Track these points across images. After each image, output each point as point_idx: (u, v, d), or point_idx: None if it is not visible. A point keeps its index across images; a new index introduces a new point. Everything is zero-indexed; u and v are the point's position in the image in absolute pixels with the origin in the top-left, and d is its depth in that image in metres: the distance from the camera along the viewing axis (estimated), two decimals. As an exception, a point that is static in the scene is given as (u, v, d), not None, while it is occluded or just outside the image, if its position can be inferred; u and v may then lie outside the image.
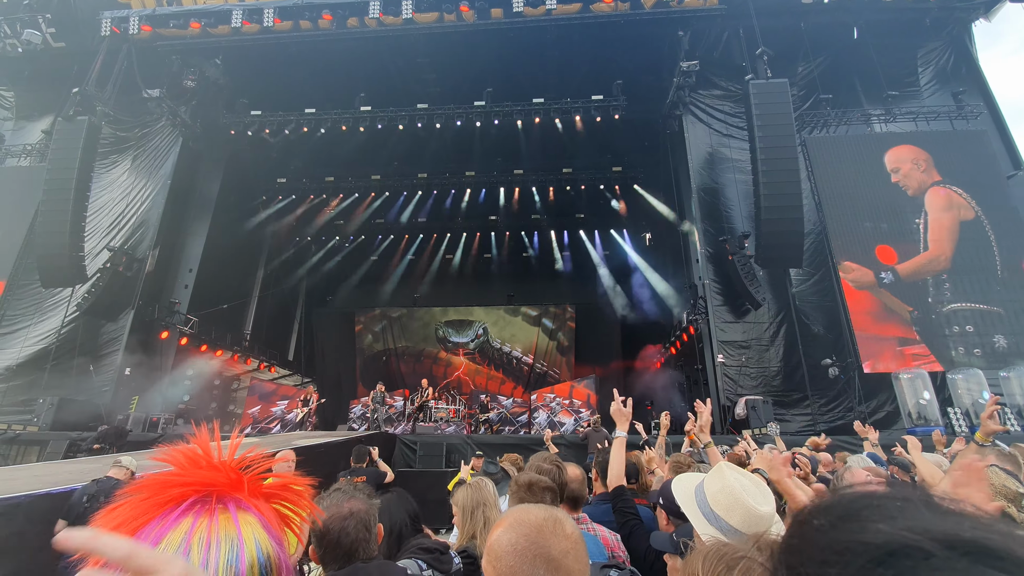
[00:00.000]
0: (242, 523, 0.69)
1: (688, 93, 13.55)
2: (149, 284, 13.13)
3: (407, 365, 20.18)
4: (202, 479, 0.72)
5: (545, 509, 1.07)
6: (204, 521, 0.67)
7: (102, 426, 9.88)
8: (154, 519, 0.66)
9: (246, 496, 0.73)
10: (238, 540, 0.67)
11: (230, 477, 0.74)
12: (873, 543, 0.37)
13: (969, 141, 12.90)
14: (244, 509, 0.71)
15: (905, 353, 11.21)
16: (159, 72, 14.08)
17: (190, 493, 0.69)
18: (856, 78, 14.06)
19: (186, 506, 0.68)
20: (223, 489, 0.72)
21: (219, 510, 0.69)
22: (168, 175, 13.75)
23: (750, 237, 11.88)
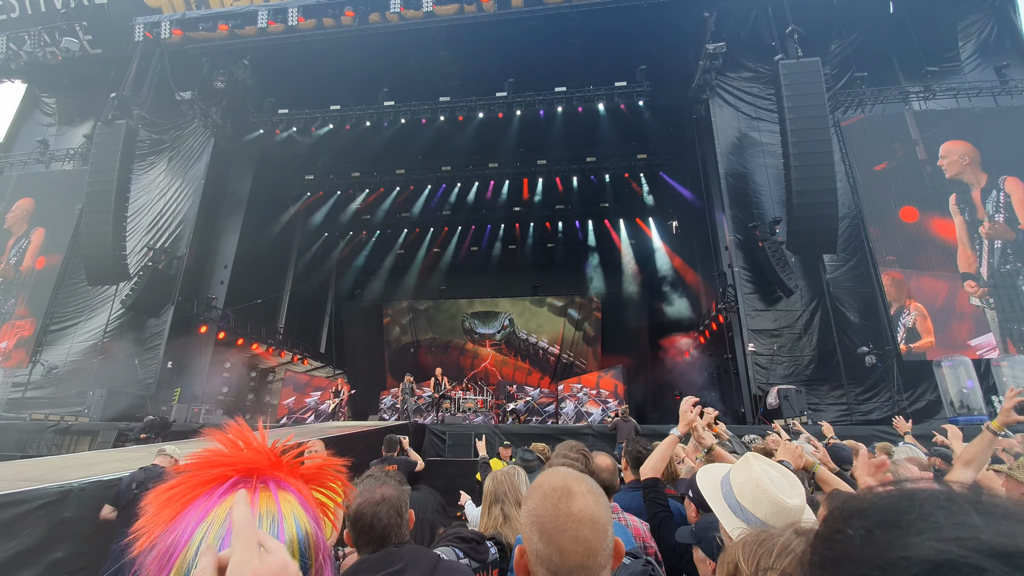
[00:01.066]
0: (282, 501, 0.73)
1: (715, 76, 13.19)
2: (187, 281, 13.62)
3: (434, 357, 20.43)
4: (244, 459, 0.76)
5: (562, 477, 1.10)
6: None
7: (148, 417, 10.34)
8: (201, 496, 0.71)
9: (285, 476, 0.77)
10: (278, 516, 0.71)
11: (270, 459, 0.78)
12: (918, 558, 0.33)
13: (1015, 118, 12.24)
14: (284, 488, 0.75)
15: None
16: (190, 74, 14.49)
17: (233, 472, 0.74)
18: (893, 54, 13.43)
19: (230, 484, 0.73)
20: (264, 469, 0.76)
21: (260, 488, 0.73)
22: (202, 175, 14.18)
23: (781, 223, 11.54)
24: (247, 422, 0.82)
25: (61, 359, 13.10)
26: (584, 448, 2.96)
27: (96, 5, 14.52)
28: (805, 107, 10.87)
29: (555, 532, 1.01)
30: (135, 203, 13.77)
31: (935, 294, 11.20)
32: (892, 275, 11.40)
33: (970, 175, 11.99)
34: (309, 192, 18.44)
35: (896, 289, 11.31)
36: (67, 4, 14.58)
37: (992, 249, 11.36)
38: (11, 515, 3.47)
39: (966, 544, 0.32)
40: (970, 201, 11.77)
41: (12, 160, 16.02)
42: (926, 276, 11.34)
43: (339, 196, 18.82)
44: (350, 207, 19.48)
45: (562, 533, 1.00)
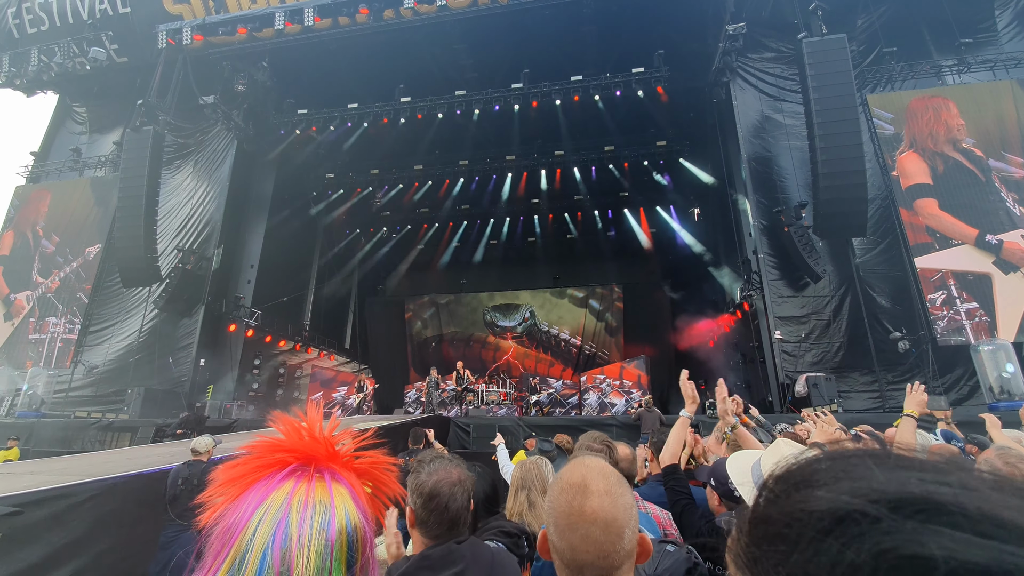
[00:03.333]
0: (335, 493, 0.76)
1: (735, 58, 12.86)
2: (216, 281, 14.00)
3: (456, 350, 20.59)
4: (304, 448, 0.79)
5: (582, 473, 1.10)
6: (303, 486, 0.74)
7: (183, 413, 10.70)
8: (262, 478, 0.75)
9: (340, 468, 0.80)
10: (331, 507, 0.74)
11: (328, 450, 0.81)
12: (817, 511, 0.34)
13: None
14: (337, 480, 0.78)
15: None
16: (212, 79, 14.78)
17: (292, 460, 0.77)
18: (924, 27, 12.88)
19: (289, 471, 0.76)
20: (321, 460, 0.79)
21: (316, 478, 0.76)
22: (226, 177, 14.51)
23: (807, 207, 11.24)
24: (315, 410, 0.85)
25: (101, 359, 13.64)
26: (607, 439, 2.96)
27: (120, 14, 14.90)
28: (831, 86, 10.51)
29: (567, 529, 1.01)
30: (164, 206, 14.17)
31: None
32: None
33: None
34: (330, 190, 18.70)
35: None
36: (93, 15, 14.99)
37: None
38: (61, 508, 3.61)
39: (859, 493, 0.33)
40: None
41: (48, 169, 16.64)
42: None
43: (359, 193, 19.03)
44: (370, 204, 19.69)
45: (573, 531, 1.00)
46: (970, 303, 10.51)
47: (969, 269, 10.72)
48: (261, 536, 0.68)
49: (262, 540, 0.68)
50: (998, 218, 10.95)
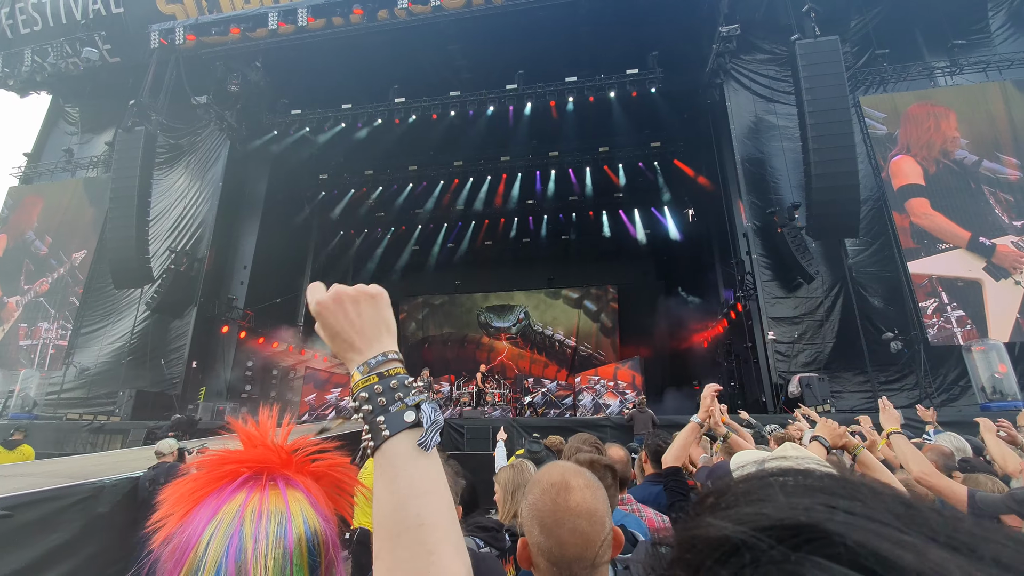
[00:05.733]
0: (291, 499, 0.74)
1: (729, 59, 12.89)
2: (209, 282, 13.93)
3: (451, 351, 20.54)
4: (255, 457, 0.78)
5: (560, 472, 1.15)
6: (256, 495, 0.73)
7: (175, 415, 10.63)
8: (212, 492, 0.73)
9: (295, 474, 0.78)
10: (286, 514, 0.72)
11: (281, 456, 0.79)
12: (711, 539, 0.33)
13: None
14: (293, 486, 0.76)
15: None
16: (205, 79, 14.71)
17: (244, 470, 0.76)
18: (917, 29, 12.95)
19: (240, 481, 0.74)
20: (274, 467, 0.78)
21: (269, 486, 0.75)
22: (219, 178, 14.45)
23: (800, 208, 11.29)
24: (267, 418, 0.84)
25: (92, 361, 13.55)
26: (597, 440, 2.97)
27: (113, 15, 14.82)
28: (823, 87, 10.55)
29: (554, 525, 1.05)
30: (156, 207, 14.11)
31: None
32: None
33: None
34: (324, 191, 18.64)
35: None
36: (86, 15, 14.91)
37: None
38: (50, 510, 3.65)
39: (748, 520, 0.32)
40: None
41: (40, 170, 16.52)
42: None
43: (353, 194, 18.98)
44: (364, 205, 19.64)
45: (561, 526, 1.05)
46: (959, 311, 10.56)
47: (960, 275, 10.77)
48: (214, 551, 0.67)
49: (215, 555, 0.66)
50: (988, 223, 11.02)
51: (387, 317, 0.78)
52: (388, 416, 0.67)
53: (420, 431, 0.67)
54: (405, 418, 0.67)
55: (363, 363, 0.72)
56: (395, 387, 0.69)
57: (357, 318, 0.75)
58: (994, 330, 10.26)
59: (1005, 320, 10.34)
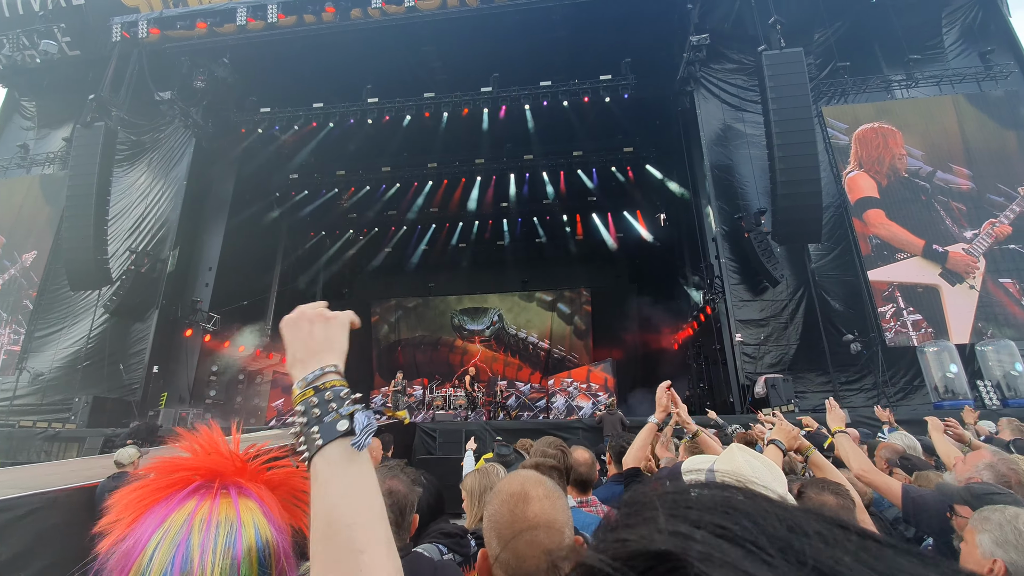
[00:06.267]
0: (242, 508, 0.72)
1: (699, 68, 13.19)
2: (171, 284, 13.47)
3: (424, 354, 20.38)
4: (207, 465, 0.76)
5: (520, 482, 1.12)
6: (207, 503, 0.71)
7: (134, 422, 10.24)
8: (160, 500, 0.71)
9: (248, 482, 0.77)
10: (237, 524, 0.70)
11: (235, 464, 0.78)
12: (582, 566, 0.32)
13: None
14: (245, 495, 0.75)
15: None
16: (170, 74, 14.27)
17: (194, 478, 0.74)
18: (875, 43, 13.49)
19: (191, 489, 0.72)
20: (226, 475, 0.76)
21: (221, 494, 0.73)
22: (183, 176, 14.01)
23: (766, 213, 11.61)
24: (222, 426, 0.83)
25: (46, 366, 12.96)
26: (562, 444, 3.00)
27: (73, 6, 14.27)
28: (788, 97, 10.89)
29: (511, 537, 1.02)
30: (116, 206, 13.60)
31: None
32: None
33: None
34: (294, 191, 18.27)
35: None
36: (45, 6, 14.31)
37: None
38: (1, 521, 3.53)
39: (608, 549, 0.31)
40: (952, 188, 11.90)
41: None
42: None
43: (325, 195, 18.66)
44: (336, 206, 19.34)
45: (518, 538, 1.02)
46: (915, 315, 11.03)
47: (918, 281, 11.26)
48: (159, 560, 0.65)
49: (160, 564, 0.65)
50: (940, 231, 11.55)
51: (336, 337, 0.81)
52: (322, 426, 0.69)
53: (353, 438, 0.69)
54: (338, 427, 0.69)
55: (302, 378, 0.75)
56: (329, 399, 0.72)
57: (308, 335, 0.79)
58: (954, 333, 10.76)
59: (963, 323, 10.85)
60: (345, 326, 0.83)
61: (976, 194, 11.74)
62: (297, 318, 0.81)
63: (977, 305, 10.93)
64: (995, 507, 1.58)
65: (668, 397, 2.66)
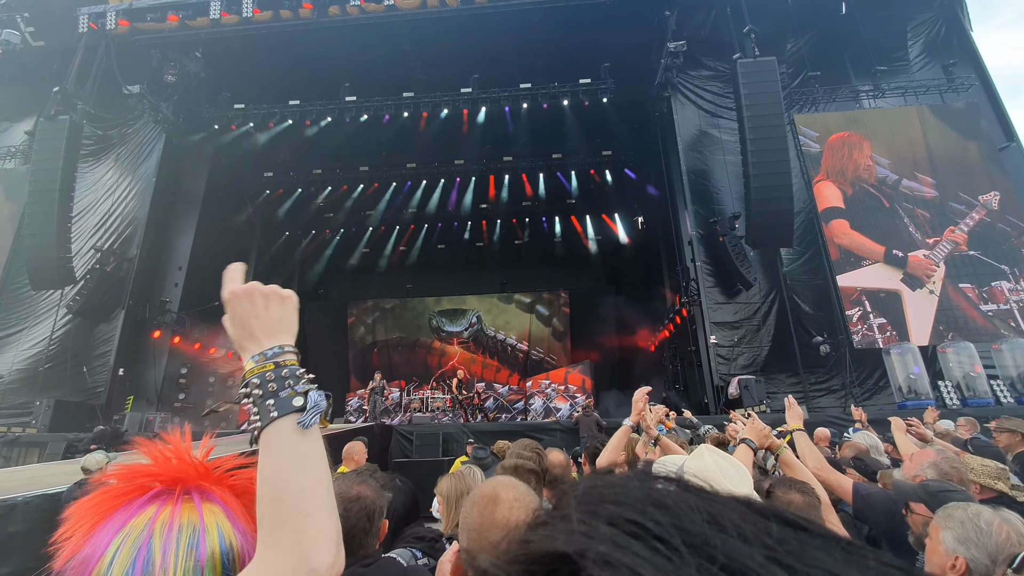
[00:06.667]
0: (206, 512, 0.71)
1: (676, 74, 13.42)
2: (139, 283, 13.07)
3: (401, 356, 20.19)
4: (170, 471, 0.75)
5: (493, 486, 1.14)
6: (168, 508, 0.70)
7: (98, 427, 9.89)
8: (120, 507, 0.69)
9: (212, 487, 0.75)
10: (200, 527, 0.69)
11: (198, 470, 0.76)
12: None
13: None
14: (209, 499, 0.74)
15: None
16: (139, 68, 13.86)
17: (156, 484, 0.73)
18: (845, 54, 13.92)
19: (152, 495, 0.71)
20: (189, 480, 0.75)
21: (183, 499, 0.72)
22: (152, 172, 13.62)
23: (740, 218, 11.87)
24: (193, 430, 0.82)
25: (6, 368, 12.46)
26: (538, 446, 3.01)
27: (38, -6, 13.76)
28: (762, 105, 11.17)
29: (479, 540, 1.05)
30: (80, 203, 13.14)
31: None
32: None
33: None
34: (268, 190, 17.93)
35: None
36: (8, -6, 13.78)
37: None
38: None
39: (506, 554, 0.30)
40: (916, 195, 12.36)
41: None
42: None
43: (300, 194, 18.37)
44: (312, 205, 19.06)
45: (485, 540, 1.04)
46: (880, 319, 11.42)
47: (881, 287, 11.65)
48: (120, 565, 0.64)
49: (121, 569, 0.64)
50: (902, 238, 11.97)
51: (291, 318, 0.81)
52: (278, 400, 0.71)
53: (300, 416, 0.71)
54: (294, 403, 0.71)
55: (259, 352, 0.76)
56: (287, 376, 0.74)
57: (264, 312, 0.78)
58: (914, 335, 11.16)
59: (923, 326, 11.26)
60: (296, 306, 0.83)
61: (940, 202, 12.20)
62: (249, 291, 0.79)
63: (937, 309, 11.35)
64: (958, 504, 1.63)
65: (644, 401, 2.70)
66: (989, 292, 11.38)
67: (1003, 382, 10.03)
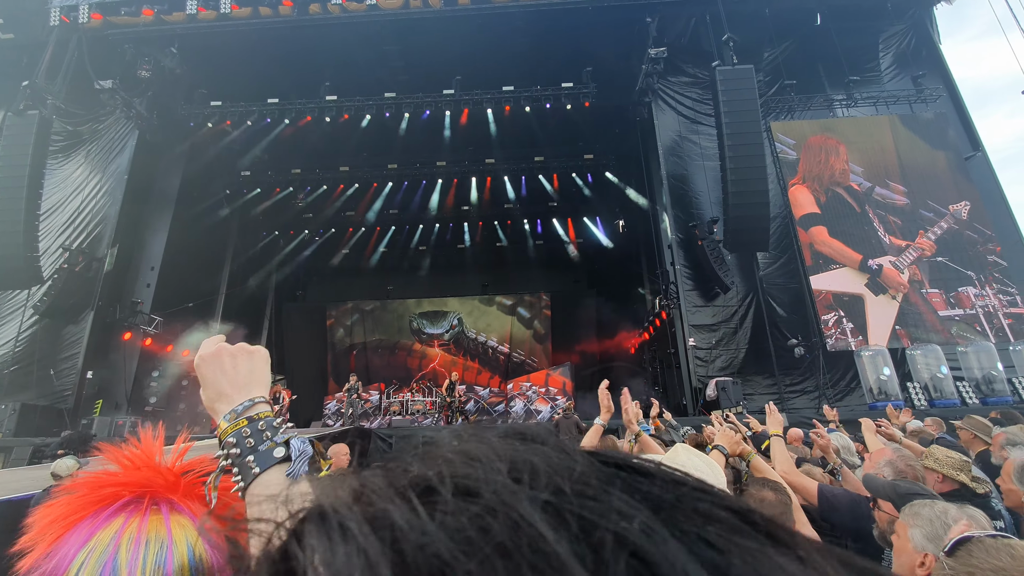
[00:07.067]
0: (174, 525, 0.69)
1: (656, 80, 13.60)
2: (109, 284, 12.69)
3: (381, 358, 20.00)
4: (138, 480, 0.72)
5: None
6: (136, 520, 0.67)
7: (65, 431, 9.57)
8: (86, 517, 0.66)
9: (181, 498, 0.73)
10: (168, 541, 0.67)
11: (167, 479, 0.73)
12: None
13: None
14: (178, 511, 0.71)
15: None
16: (112, 62, 13.50)
17: (124, 493, 0.70)
18: (819, 64, 14.26)
19: (119, 506, 0.68)
20: (158, 491, 0.72)
21: (151, 511, 0.69)
22: (125, 169, 13.24)
23: (719, 222, 12.06)
24: (165, 435, 0.80)
25: (-33, 371, 11.96)
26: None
27: (7, -14, 13.33)
28: (740, 112, 11.38)
29: None
30: (48, 200, 12.70)
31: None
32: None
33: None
34: (246, 189, 17.59)
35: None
36: (-28, -16, 13.30)
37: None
38: None
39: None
40: (887, 202, 12.72)
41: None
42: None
43: (279, 193, 18.07)
44: (291, 205, 18.77)
45: None
46: (849, 324, 11.74)
47: (846, 291, 11.98)
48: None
49: None
50: (871, 245, 12.31)
51: (262, 371, 0.82)
52: (257, 455, 0.70)
53: (289, 465, 0.70)
54: (275, 454, 0.70)
55: (231, 410, 0.74)
56: (263, 428, 0.73)
57: (232, 370, 0.78)
58: (873, 338, 11.50)
59: (883, 330, 11.60)
60: (267, 360, 0.84)
61: (911, 209, 12.58)
62: (217, 353, 0.79)
63: (897, 313, 11.70)
64: (925, 502, 1.66)
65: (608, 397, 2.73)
66: (956, 297, 11.77)
67: (968, 383, 10.37)
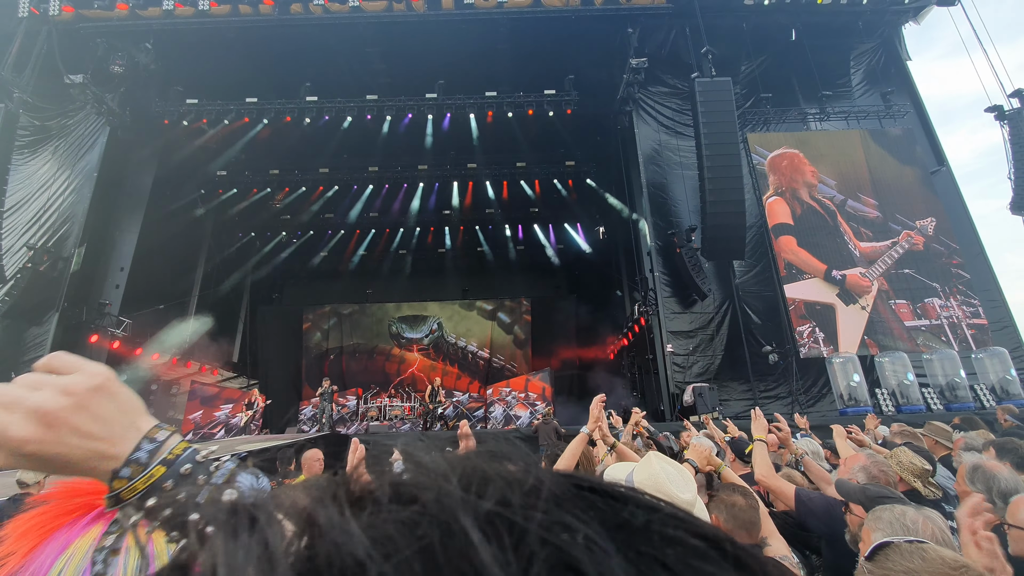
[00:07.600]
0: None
1: (637, 90, 13.81)
2: (76, 284, 12.24)
3: (359, 363, 19.74)
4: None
5: None
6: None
7: (25, 437, 9.18)
8: (62, 526, 0.63)
9: None
10: (149, 550, 0.63)
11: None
12: None
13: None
14: None
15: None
16: (83, 56, 13.09)
17: (99, 502, 0.66)
18: (794, 78, 14.69)
19: (95, 514, 0.65)
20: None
21: None
22: (94, 167, 12.83)
23: (696, 231, 12.27)
24: None
25: (-80, 373, 11.40)
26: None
27: (-30, -26, 12.84)
28: (717, 123, 11.63)
29: None
30: (12, 197, 12.28)
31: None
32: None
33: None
34: (221, 189, 17.20)
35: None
36: (-66, -28, 12.78)
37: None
38: None
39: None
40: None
41: None
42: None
43: (256, 194, 17.72)
44: (268, 206, 18.44)
45: None
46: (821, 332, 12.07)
47: (818, 300, 12.30)
48: None
49: None
50: (842, 256, 12.68)
51: (127, 396, 0.63)
52: (201, 510, 0.55)
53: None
54: (225, 499, 0.56)
55: (127, 460, 0.58)
56: (189, 472, 0.59)
57: (94, 423, 0.57)
58: (843, 346, 11.83)
59: (853, 338, 11.94)
60: (117, 378, 0.63)
61: (881, 222, 12.99)
62: (50, 425, 0.55)
63: (866, 323, 12.06)
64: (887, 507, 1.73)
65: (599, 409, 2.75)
66: (923, 308, 12.18)
67: (933, 390, 10.73)
